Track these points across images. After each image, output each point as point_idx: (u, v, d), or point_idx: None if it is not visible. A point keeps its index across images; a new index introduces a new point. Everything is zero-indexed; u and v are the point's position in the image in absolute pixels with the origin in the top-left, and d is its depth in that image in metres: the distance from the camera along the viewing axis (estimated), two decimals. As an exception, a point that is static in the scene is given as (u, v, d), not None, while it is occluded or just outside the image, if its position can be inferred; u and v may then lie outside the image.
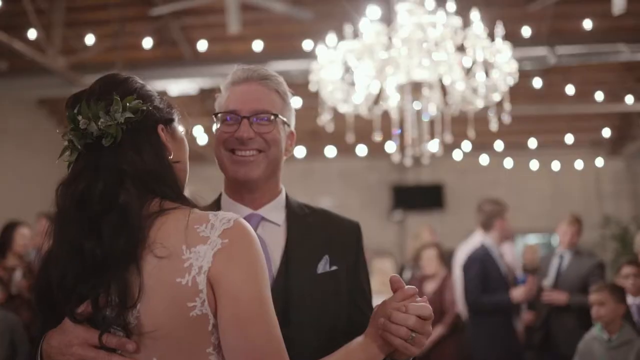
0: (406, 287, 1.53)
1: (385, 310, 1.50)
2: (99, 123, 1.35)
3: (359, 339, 1.55)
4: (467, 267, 5.23)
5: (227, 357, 1.31)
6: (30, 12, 6.95)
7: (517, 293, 4.98)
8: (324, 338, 1.64)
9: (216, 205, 1.83)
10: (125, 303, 1.27)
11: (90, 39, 7.12)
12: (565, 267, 5.30)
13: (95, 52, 7.89)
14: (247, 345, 1.29)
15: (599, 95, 8.38)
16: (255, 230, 1.67)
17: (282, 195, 1.84)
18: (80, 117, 1.37)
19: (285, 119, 1.79)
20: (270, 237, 1.75)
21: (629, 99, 8.54)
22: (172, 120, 1.53)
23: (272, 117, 1.73)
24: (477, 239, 5.50)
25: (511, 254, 6.91)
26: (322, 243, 1.77)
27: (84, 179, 1.35)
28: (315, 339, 1.63)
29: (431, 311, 1.48)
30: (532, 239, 11.21)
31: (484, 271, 5.09)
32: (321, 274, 1.74)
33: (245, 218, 1.67)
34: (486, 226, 5.28)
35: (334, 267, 1.75)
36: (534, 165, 10.84)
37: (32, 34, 6.84)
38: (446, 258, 6.26)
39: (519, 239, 11.89)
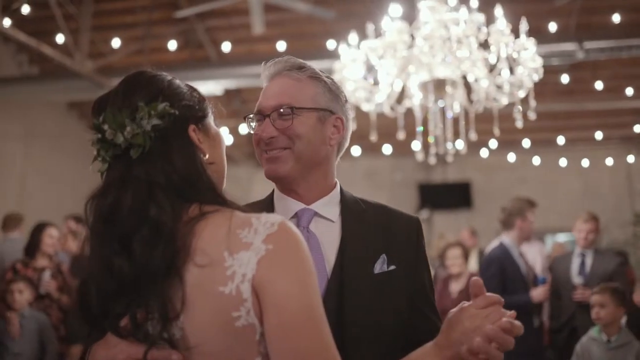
0: (489, 294, 1.41)
1: (463, 318, 1.38)
2: (125, 133, 1.27)
3: (429, 346, 1.44)
4: (485, 267, 5.17)
5: None
6: (59, 17, 7.08)
7: (537, 293, 4.91)
8: (381, 342, 1.56)
9: (269, 200, 1.74)
10: (167, 317, 1.20)
11: (116, 43, 7.24)
12: (589, 266, 5.20)
13: (121, 55, 8.02)
14: (296, 356, 1.20)
15: (629, 90, 8.23)
16: (308, 226, 1.65)
17: (337, 190, 1.73)
18: (106, 127, 1.29)
19: (318, 107, 1.65)
20: (325, 234, 1.65)
21: (661, 94, 8.37)
22: (204, 117, 1.41)
23: (289, 110, 1.61)
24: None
25: (540, 254, 6.83)
26: (379, 240, 1.66)
27: (112, 192, 1.27)
28: (373, 343, 1.55)
29: (522, 330, 1.38)
30: (562, 238, 11.03)
31: (503, 271, 5.02)
32: (378, 274, 1.61)
33: (298, 213, 1.66)
34: (506, 225, 5.21)
35: (392, 267, 1.63)
36: (563, 162, 10.69)
37: (60, 38, 6.98)
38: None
39: (549, 238, 11.74)
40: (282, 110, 1.62)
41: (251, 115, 1.70)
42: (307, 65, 1.70)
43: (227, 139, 8.61)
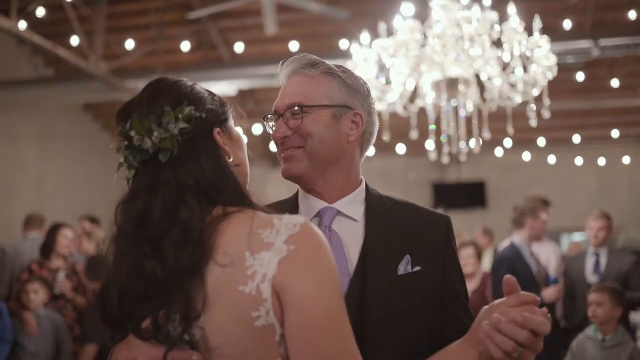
0: (523, 292, 1.34)
1: (493, 315, 1.31)
2: (153, 138, 1.29)
3: (455, 345, 1.40)
4: (496, 267, 5.14)
5: None
6: (73, 19, 7.14)
7: (548, 293, 4.86)
8: (403, 344, 1.51)
9: (294, 200, 1.71)
10: (188, 317, 1.21)
11: (130, 44, 7.29)
12: (604, 264, 5.16)
13: (135, 56, 8.07)
14: (317, 359, 1.19)
15: (646, 88, 8.14)
16: (330, 225, 1.61)
17: (361, 188, 1.68)
18: (133, 133, 1.30)
19: (333, 103, 1.61)
20: (348, 233, 1.60)
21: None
22: (226, 120, 1.44)
23: (297, 108, 1.59)
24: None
25: (553, 253, 6.77)
26: (404, 241, 1.59)
27: (142, 197, 1.28)
28: (394, 344, 1.51)
29: (549, 328, 1.27)
30: (578, 238, 10.93)
31: (513, 271, 4.99)
32: (402, 275, 1.55)
33: (320, 211, 1.63)
34: (517, 224, 5.17)
35: (417, 268, 1.57)
36: (579, 161, 10.60)
37: (74, 40, 7.03)
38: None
39: (564, 238, 11.64)
40: (293, 109, 1.60)
41: (269, 115, 1.69)
42: (322, 61, 1.66)
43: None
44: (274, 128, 1.66)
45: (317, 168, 1.61)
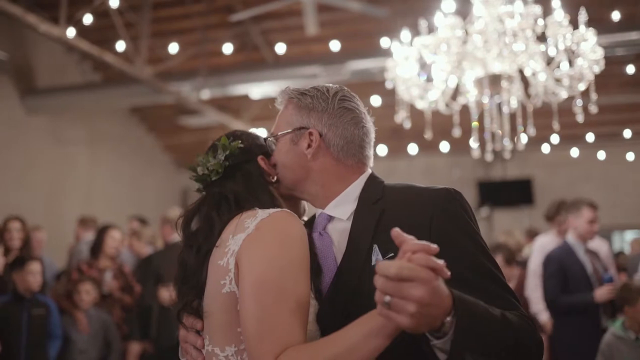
0: (409, 241, 1.22)
1: None
2: (209, 166, 1.71)
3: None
4: (545, 265, 5.05)
5: None
6: (119, 25, 7.30)
7: (601, 292, 4.72)
8: (401, 339, 1.35)
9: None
10: (198, 291, 1.56)
11: (174, 48, 7.40)
12: None
13: (179, 60, 8.20)
14: (243, 322, 1.40)
15: (701, 80, 7.84)
16: (324, 228, 1.70)
17: (354, 186, 1.71)
18: (198, 168, 1.73)
19: (291, 128, 1.73)
20: (338, 233, 1.67)
21: None
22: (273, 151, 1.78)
23: (269, 139, 1.78)
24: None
25: (604, 252, 6.59)
26: (383, 228, 1.53)
27: (195, 207, 1.70)
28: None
29: (402, 270, 1.14)
30: (630, 236, 10.62)
31: (563, 271, 4.88)
32: (375, 265, 1.41)
33: (318, 217, 1.75)
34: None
35: (390, 254, 1.50)
36: (630, 156, 10.29)
37: (120, 46, 7.19)
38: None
39: (616, 236, 11.33)
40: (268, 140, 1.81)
41: None
42: (289, 87, 1.80)
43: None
44: None
45: (294, 187, 1.76)
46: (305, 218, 1.86)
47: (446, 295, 1.22)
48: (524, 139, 5.25)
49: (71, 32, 6.60)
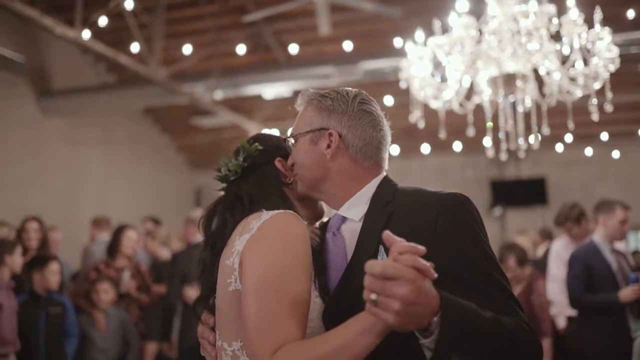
0: (399, 242, 1.26)
1: None
2: (229, 166, 1.78)
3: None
4: (570, 264, 5.02)
5: None
6: (133, 27, 7.35)
7: (625, 292, 4.69)
8: (393, 339, 1.38)
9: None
10: (209, 289, 1.67)
11: (188, 49, 7.45)
12: None
13: (193, 61, 8.24)
14: (244, 319, 1.45)
15: None
16: (338, 229, 1.73)
17: (366, 189, 1.73)
18: (222, 168, 1.80)
19: (311, 129, 1.76)
20: (350, 234, 1.70)
21: None
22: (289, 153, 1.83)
23: (286, 141, 1.84)
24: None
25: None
26: (390, 231, 1.44)
27: (213, 206, 1.78)
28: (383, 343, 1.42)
29: (386, 269, 1.19)
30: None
31: (588, 270, 4.85)
32: None
33: (333, 218, 1.78)
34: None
35: None
36: (645, 155, 10.21)
37: (135, 47, 7.25)
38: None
39: (631, 236, 11.23)
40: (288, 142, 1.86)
41: None
42: (307, 91, 1.84)
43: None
44: None
45: (312, 187, 1.78)
46: (325, 219, 1.87)
47: (433, 295, 1.26)
48: (538, 138, 5.24)
49: (86, 34, 6.67)
